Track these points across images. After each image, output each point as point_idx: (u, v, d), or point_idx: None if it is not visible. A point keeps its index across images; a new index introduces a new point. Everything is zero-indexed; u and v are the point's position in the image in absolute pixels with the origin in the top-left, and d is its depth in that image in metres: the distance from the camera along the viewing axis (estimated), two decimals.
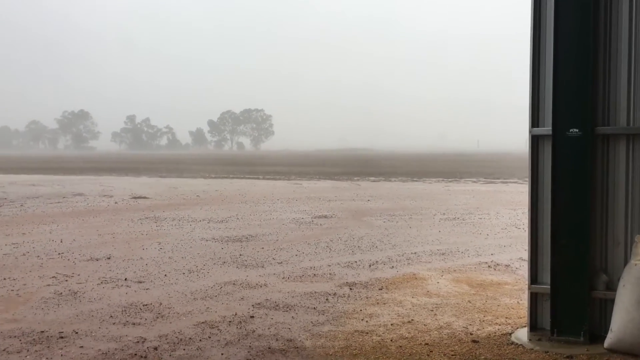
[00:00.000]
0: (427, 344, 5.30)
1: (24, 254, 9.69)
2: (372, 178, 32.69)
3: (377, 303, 6.75)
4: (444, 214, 15.41)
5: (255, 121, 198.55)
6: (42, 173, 38.74)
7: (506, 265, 8.94)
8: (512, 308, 6.50)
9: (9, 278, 7.97)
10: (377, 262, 9.15)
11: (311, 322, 6.03)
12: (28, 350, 5.20)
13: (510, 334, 5.59)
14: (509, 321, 5.99)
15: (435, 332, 5.66)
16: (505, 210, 16.33)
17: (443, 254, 9.85)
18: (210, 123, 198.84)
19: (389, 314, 6.28)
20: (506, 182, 29.09)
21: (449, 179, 31.55)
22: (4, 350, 5.21)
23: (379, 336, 5.55)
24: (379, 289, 7.41)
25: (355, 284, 7.71)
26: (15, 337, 5.56)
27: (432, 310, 6.41)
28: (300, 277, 8.12)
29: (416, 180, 30.56)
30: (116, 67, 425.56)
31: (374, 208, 16.86)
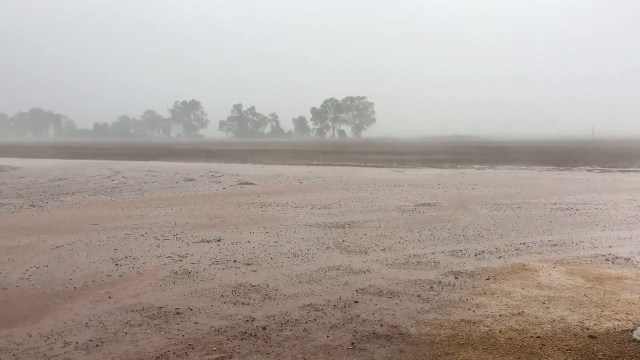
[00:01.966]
0: (539, 337, 5.07)
1: (142, 235, 10.35)
2: (477, 166, 31.70)
3: (484, 293, 6.55)
4: (555, 203, 14.64)
5: (357, 109, 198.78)
6: (157, 159, 41.16)
7: (626, 258, 8.35)
8: (634, 304, 6.07)
9: (130, 257, 8.55)
10: (483, 251, 8.87)
11: (416, 309, 5.97)
12: (148, 324, 5.56)
13: (631, 330, 5.22)
14: (630, 317, 5.60)
15: (548, 325, 5.41)
16: (624, 200, 15.23)
17: (555, 245, 9.37)
18: (313, 111, 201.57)
19: (497, 305, 6.07)
20: (625, 171, 27.12)
21: (561, 167, 29.91)
22: (127, 322, 5.61)
23: (487, 327, 5.38)
24: (486, 279, 7.19)
25: (461, 272, 7.53)
26: (136, 311, 5.97)
27: (544, 303, 6.12)
28: (404, 264, 8.06)
29: (524, 169, 29.25)
30: (226, 60, 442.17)
31: (479, 196, 16.35)
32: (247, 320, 5.64)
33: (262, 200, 15.58)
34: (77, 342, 5.10)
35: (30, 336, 5.26)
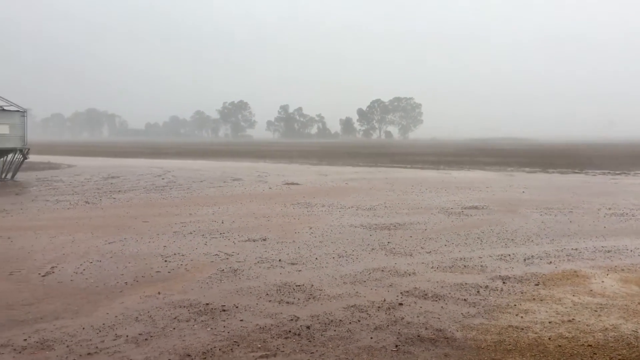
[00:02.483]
0: (590, 345, 4.93)
1: (190, 233, 10.56)
2: (527, 169, 30.97)
3: (533, 299, 6.40)
4: (609, 208, 14.17)
5: (404, 110, 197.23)
6: (206, 159, 41.91)
7: None
8: None
9: (179, 254, 8.74)
10: (532, 256, 8.67)
11: (461, 313, 5.88)
12: (195, 320, 5.67)
13: None
14: None
15: (600, 333, 5.24)
16: None
17: (608, 251, 9.07)
18: (360, 112, 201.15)
19: (546, 311, 5.93)
20: None
21: (617, 172, 28.90)
22: (175, 318, 5.74)
23: (536, 333, 5.26)
24: (535, 285, 7.02)
25: (509, 277, 7.38)
26: (184, 307, 6.10)
27: (596, 311, 5.94)
28: (450, 267, 7.95)
29: (577, 172, 28.40)
30: (274, 62, 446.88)
31: (529, 200, 15.98)
32: (292, 320, 5.68)
33: (308, 200, 15.65)
34: (127, 336, 5.25)
35: (83, 328, 5.44)
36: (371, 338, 5.18)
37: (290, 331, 5.35)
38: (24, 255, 8.61)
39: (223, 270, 7.73)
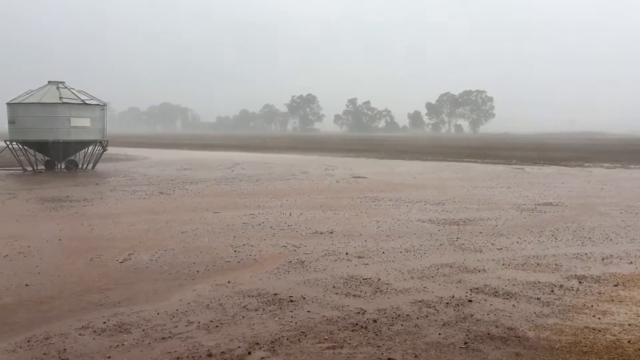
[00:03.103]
0: None
1: (259, 224, 10.75)
2: (607, 164, 29.55)
3: (612, 300, 6.11)
4: None
5: (475, 103, 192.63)
6: (274, 152, 42.51)
7: None
8: None
9: (248, 244, 8.92)
10: (611, 255, 8.27)
11: (534, 312, 5.70)
12: (264, 310, 5.78)
13: None
14: None
15: None
16: None
17: None
18: (428, 106, 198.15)
19: (626, 313, 5.65)
20: None
21: None
22: (244, 307, 5.87)
23: (614, 335, 5.03)
24: (614, 285, 6.70)
25: (586, 277, 7.07)
26: (253, 296, 6.23)
27: None
28: (522, 265, 7.71)
29: None
30: (342, 55, 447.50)
31: (608, 197, 15.25)
32: (358, 312, 5.68)
33: (375, 194, 15.58)
34: (199, 322, 5.41)
35: (157, 313, 5.65)
36: (439, 334, 5.10)
37: (357, 324, 5.35)
38: (103, 242, 9.04)
39: (291, 261, 7.83)
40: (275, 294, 6.28)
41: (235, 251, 8.44)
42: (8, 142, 23.31)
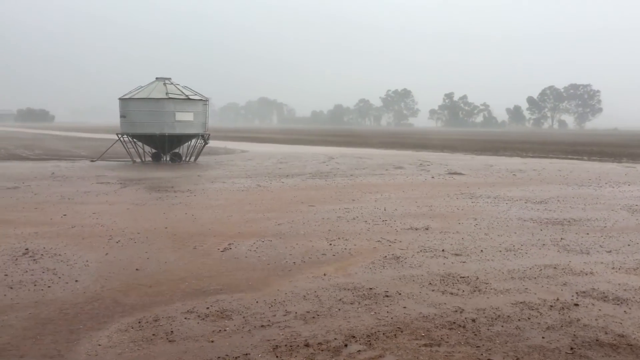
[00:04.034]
0: None
1: (354, 218, 10.79)
2: None
3: None
4: None
5: (581, 97, 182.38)
6: (367, 147, 42.47)
7: None
8: None
9: (343, 238, 8.98)
10: None
11: None
12: (359, 303, 5.80)
13: None
14: None
15: None
16: None
17: None
18: (530, 100, 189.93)
19: None
20: None
21: None
22: (340, 299, 5.92)
23: None
24: None
25: None
26: (348, 290, 6.26)
27: None
28: (634, 269, 7.22)
29: None
30: (436, 49, 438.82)
31: None
32: (456, 311, 5.56)
33: (472, 191, 15.17)
34: (296, 312, 5.53)
35: (256, 302, 5.83)
36: (542, 338, 4.89)
37: (454, 322, 5.24)
38: (205, 231, 9.44)
39: (386, 256, 7.80)
40: (371, 289, 6.29)
41: (330, 244, 8.52)
42: (119, 135, 24.89)
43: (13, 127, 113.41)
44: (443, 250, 8.21)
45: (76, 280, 6.55)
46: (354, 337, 4.91)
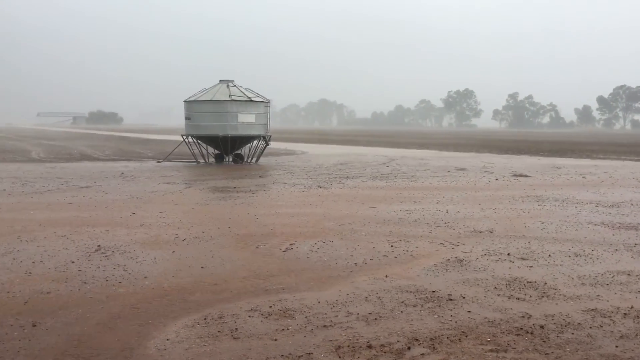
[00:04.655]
0: None
1: (415, 220, 10.68)
2: None
3: None
4: None
5: None
6: (428, 148, 41.91)
7: None
8: None
9: (404, 240, 8.90)
10: None
11: None
12: (422, 306, 5.73)
13: None
14: None
15: None
16: None
17: None
18: (600, 99, 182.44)
19: None
20: None
21: None
22: (402, 302, 5.86)
23: None
24: None
25: None
26: (410, 292, 6.20)
27: None
28: None
29: None
30: (501, 47, 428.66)
31: None
32: (523, 317, 5.40)
33: (539, 193, 14.71)
34: (358, 313, 5.51)
35: (318, 302, 5.86)
36: (616, 347, 4.68)
37: (522, 328, 5.09)
38: (267, 231, 9.57)
39: (449, 259, 7.67)
40: (434, 292, 6.20)
41: (391, 246, 8.46)
42: (184, 136, 25.60)
43: (85, 128, 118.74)
44: (508, 254, 8.00)
45: (145, 277, 6.79)
46: (417, 340, 4.85)
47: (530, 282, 6.59)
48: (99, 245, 8.36)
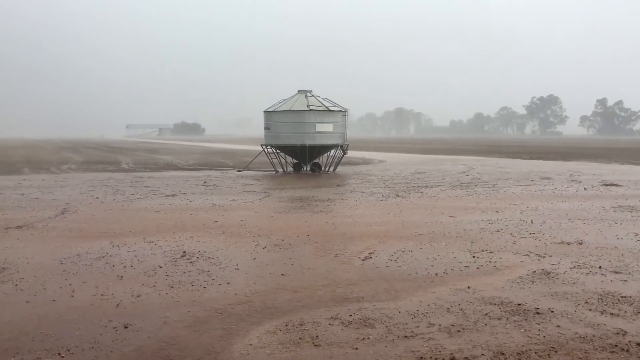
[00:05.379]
0: None
1: (498, 230, 10.35)
2: None
3: None
4: None
5: None
6: (510, 157, 40.59)
7: None
8: None
9: (487, 251, 8.64)
10: None
11: None
12: (507, 319, 5.53)
13: None
14: None
15: None
16: None
17: None
18: None
19: None
20: None
21: None
22: (486, 314, 5.69)
23: None
24: None
25: None
26: (495, 304, 6.01)
27: None
28: None
29: None
30: (584, 50, 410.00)
31: None
32: (617, 333, 5.10)
33: (632, 204, 13.89)
34: (440, 325, 5.40)
35: (399, 312, 5.79)
36: None
37: (616, 345, 4.81)
38: (346, 240, 9.58)
39: (535, 271, 7.38)
40: (519, 304, 5.98)
41: (473, 257, 8.25)
42: (264, 146, 26.15)
43: (170, 139, 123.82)
44: (600, 267, 7.59)
45: (228, 283, 6.96)
46: (503, 354, 4.69)
47: (625, 297, 6.22)
48: (184, 251, 8.66)
